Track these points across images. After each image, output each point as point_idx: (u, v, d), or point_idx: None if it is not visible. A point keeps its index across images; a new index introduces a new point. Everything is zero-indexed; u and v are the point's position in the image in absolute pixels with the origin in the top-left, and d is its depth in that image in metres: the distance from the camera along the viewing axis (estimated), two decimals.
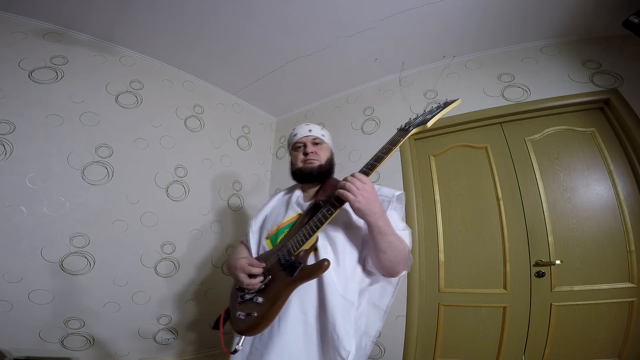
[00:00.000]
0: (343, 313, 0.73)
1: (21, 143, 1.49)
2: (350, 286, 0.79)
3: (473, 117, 1.86)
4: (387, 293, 0.89)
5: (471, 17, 1.72)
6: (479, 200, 1.75)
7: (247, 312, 0.76)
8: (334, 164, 1.03)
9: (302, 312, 0.76)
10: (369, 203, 0.71)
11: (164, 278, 1.83)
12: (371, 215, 0.72)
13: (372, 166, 0.77)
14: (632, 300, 1.39)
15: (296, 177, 1.01)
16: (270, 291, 0.76)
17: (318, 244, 0.80)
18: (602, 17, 1.63)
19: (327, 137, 1.05)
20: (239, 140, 2.48)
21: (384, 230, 0.73)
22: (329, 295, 0.74)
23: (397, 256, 0.77)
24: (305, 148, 0.99)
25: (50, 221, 1.51)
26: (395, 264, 0.78)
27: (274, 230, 0.93)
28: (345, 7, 1.67)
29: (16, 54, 1.60)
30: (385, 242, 0.74)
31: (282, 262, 0.76)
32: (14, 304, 1.37)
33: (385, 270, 0.79)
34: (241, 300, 0.81)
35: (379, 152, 0.78)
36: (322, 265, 0.69)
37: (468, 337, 1.62)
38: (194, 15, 1.72)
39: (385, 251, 0.75)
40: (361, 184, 0.72)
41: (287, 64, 2.13)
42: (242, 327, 0.76)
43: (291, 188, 1.08)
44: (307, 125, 1.03)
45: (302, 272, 0.72)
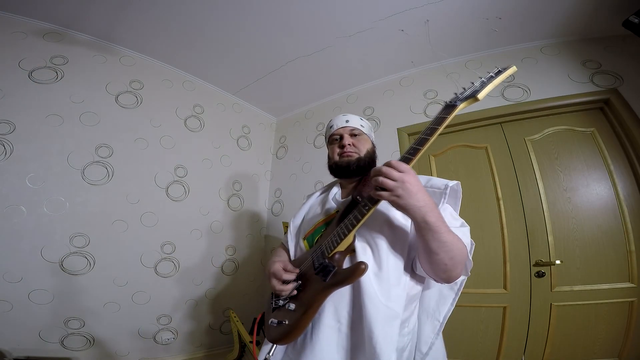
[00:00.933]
0: (384, 323, 0.64)
1: (21, 143, 1.49)
2: (394, 293, 0.68)
3: (473, 117, 1.86)
4: (446, 301, 0.77)
5: (471, 17, 1.72)
6: (479, 200, 1.75)
7: (279, 320, 0.71)
8: (376, 157, 0.93)
9: (336, 320, 0.68)
10: (411, 196, 0.59)
11: (164, 278, 1.83)
12: (416, 210, 0.59)
13: (414, 151, 0.63)
14: (632, 300, 1.39)
15: (333, 171, 0.92)
16: (303, 297, 0.70)
17: (356, 245, 0.71)
18: (602, 17, 1.63)
19: (366, 127, 0.94)
20: (239, 140, 2.48)
21: (435, 227, 0.60)
22: (367, 303, 0.65)
23: (453, 258, 0.64)
24: (342, 140, 0.90)
25: (50, 221, 1.51)
26: (451, 268, 0.65)
27: (310, 230, 0.86)
28: (345, 7, 1.67)
29: (16, 54, 1.60)
30: (437, 241, 0.61)
31: (316, 266, 0.69)
32: (14, 304, 1.37)
33: (439, 275, 0.67)
34: (275, 306, 0.76)
35: (423, 134, 0.64)
36: (357, 268, 0.61)
37: (468, 337, 1.62)
38: (194, 16, 1.72)
39: (437, 252, 0.62)
40: (399, 174, 0.59)
41: (287, 64, 2.13)
42: (273, 335, 0.71)
43: (329, 185, 1.01)
44: (344, 116, 0.94)
45: (336, 277, 0.64)
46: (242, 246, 2.28)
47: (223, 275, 2.12)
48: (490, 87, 0.65)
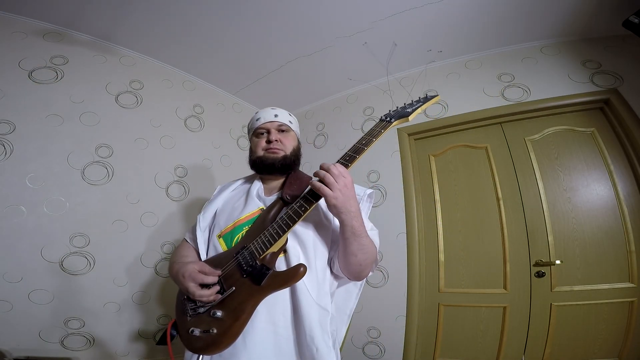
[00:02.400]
0: (320, 322, 0.66)
1: (21, 143, 1.49)
2: (323, 291, 0.71)
3: (473, 117, 1.86)
4: (352, 296, 0.81)
5: (471, 17, 1.72)
6: (479, 200, 1.75)
7: (203, 329, 0.64)
8: (300, 155, 0.92)
9: (271, 323, 0.66)
10: (346, 200, 0.63)
11: (164, 278, 1.83)
12: (347, 213, 0.64)
13: (351, 158, 0.69)
14: (632, 300, 1.39)
15: (255, 166, 0.89)
16: (231, 303, 0.64)
17: (287, 245, 0.70)
18: (602, 17, 1.63)
19: (294, 124, 0.93)
20: (238, 140, 2.48)
21: (358, 231, 0.66)
22: (303, 303, 0.65)
23: (368, 259, 0.70)
24: (268, 135, 0.87)
25: (50, 221, 1.50)
26: (364, 268, 0.71)
27: (229, 227, 0.79)
28: (345, 7, 1.66)
29: (16, 54, 1.60)
30: (358, 244, 0.67)
31: (245, 268, 0.65)
32: (14, 304, 1.36)
33: (353, 273, 0.73)
34: (193, 313, 0.68)
35: (358, 144, 0.70)
36: (297, 271, 0.61)
37: (468, 337, 1.63)
38: (194, 16, 1.72)
39: (356, 254, 0.68)
40: (341, 177, 0.63)
41: (287, 64, 2.12)
42: (198, 345, 0.64)
43: (248, 179, 0.96)
44: (272, 110, 0.90)
45: (272, 280, 0.62)
46: None
47: None
48: (419, 111, 0.77)
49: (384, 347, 1.74)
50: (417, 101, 0.78)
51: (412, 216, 1.84)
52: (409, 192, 1.89)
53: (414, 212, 1.84)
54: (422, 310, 1.73)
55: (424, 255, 1.81)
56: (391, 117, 0.75)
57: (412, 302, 1.71)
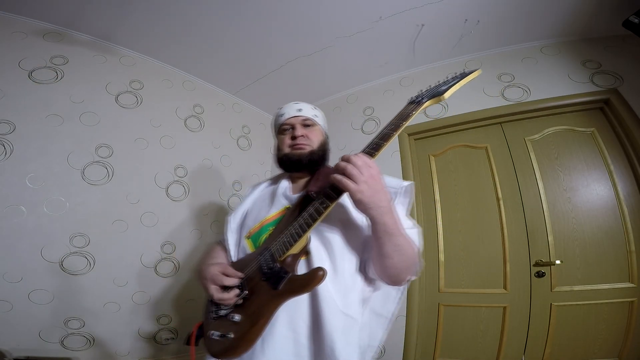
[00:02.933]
0: (344, 332, 0.60)
1: (21, 143, 1.49)
2: (350, 298, 0.64)
3: (473, 117, 1.86)
4: (392, 299, 0.74)
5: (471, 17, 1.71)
6: (479, 200, 1.75)
7: (221, 332, 0.62)
8: (329, 149, 0.87)
9: (291, 330, 0.62)
10: (374, 193, 0.55)
11: (164, 278, 1.83)
12: (376, 209, 0.56)
13: (377, 146, 0.60)
14: (632, 300, 1.39)
15: (282, 164, 0.84)
16: (250, 307, 0.61)
17: (310, 246, 0.65)
18: (602, 17, 1.63)
19: (320, 118, 0.88)
20: (239, 140, 2.48)
21: (391, 229, 0.58)
22: (326, 311, 0.60)
23: (406, 261, 0.62)
24: (293, 131, 0.82)
25: (50, 221, 1.50)
26: (403, 271, 0.63)
27: (255, 227, 0.77)
28: (345, 7, 1.67)
29: (16, 54, 1.60)
30: (392, 244, 0.59)
31: (265, 271, 0.61)
32: (14, 304, 1.36)
33: (390, 278, 0.65)
34: (215, 316, 0.66)
35: (386, 129, 0.61)
36: (315, 275, 0.55)
37: (468, 337, 1.63)
38: (194, 16, 1.72)
39: (391, 256, 0.60)
40: (366, 167, 0.55)
41: (287, 64, 2.13)
42: (216, 349, 0.63)
43: (276, 178, 0.92)
44: (296, 104, 0.86)
45: (290, 285, 0.57)
46: None
47: None
48: (456, 87, 0.65)
49: (384, 347, 1.74)
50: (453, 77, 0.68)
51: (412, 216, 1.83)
52: None
53: (413, 212, 1.84)
54: (422, 310, 1.73)
55: (424, 255, 1.80)
56: (422, 97, 0.65)
57: (412, 302, 1.71)
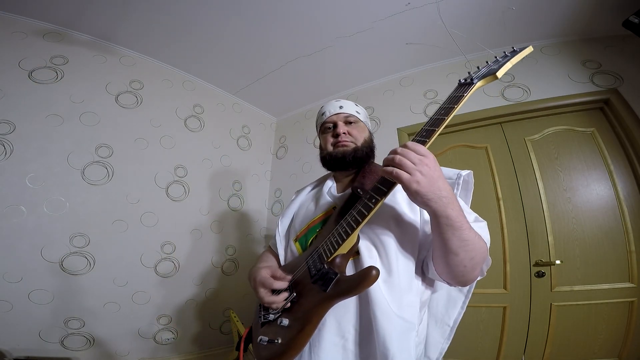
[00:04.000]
0: (400, 338, 0.55)
1: (21, 143, 1.49)
2: (407, 301, 0.59)
3: (473, 117, 1.86)
4: (456, 304, 0.69)
5: (471, 17, 1.71)
6: (479, 200, 1.75)
7: (270, 338, 0.60)
8: (374, 146, 0.83)
9: (340, 336, 0.59)
10: (432, 183, 0.49)
11: (164, 278, 1.83)
12: (437, 200, 0.49)
13: (429, 133, 0.53)
14: (632, 300, 1.39)
15: (327, 163, 0.81)
16: (298, 311, 0.59)
17: (360, 246, 0.62)
18: (602, 17, 1.63)
19: (362, 114, 0.85)
20: (239, 140, 2.48)
21: (457, 222, 0.51)
22: (379, 315, 0.55)
23: (474, 258, 0.55)
24: (336, 129, 0.80)
25: (50, 221, 1.50)
26: (471, 270, 0.56)
27: (303, 230, 0.75)
28: (345, 7, 1.66)
29: (16, 54, 1.60)
30: (459, 239, 0.52)
31: (313, 273, 0.58)
32: (14, 304, 1.36)
33: (456, 277, 0.58)
34: (264, 320, 0.65)
35: (437, 114, 0.55)
36: (367, 275, 0.51)
37: (468, 337, 1.62)
38: (194, 16, 1.72)
39: (457, 252, 0.53)
40: (418, 157, 0.50)
41: (287, 64, 2.12)
42: (263, 355, 0.60)
43: (321, 179, 0.90)
44: (337, 102, 0.84)
45: (339, 286, 0.54)
46: (243, 246, 2.28)
47: (223, 275, 2.12)
48: (509, 65, 0.59)
49: None
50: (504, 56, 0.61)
51: None
52: None
53: None
54: None
55: None
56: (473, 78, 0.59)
57: None
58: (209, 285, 2.03)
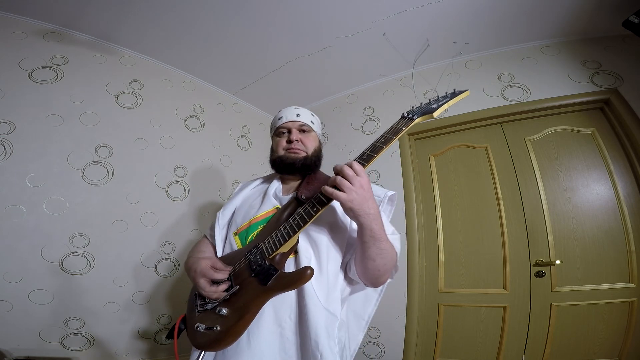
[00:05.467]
0: (327, 328, 0.64)
1: (21, 143, 1.49)
2: (333, 296, 0.68)
3: (473, 117, 1.86)
4: (371, 301, 0.79)
5: (471, 17, 1.72)
6: (479, 200, 1.75)
7: (207, 325, 0.64)
8: (322, 156, 0.91)
9: (277, 325, 0.65)
10: (363, 201, 0.59)
11: (164, 278, 1.83)
12: (365, 216, 0.60)
13: (368, 157, 0.64)
14: (632, 300, 1.39)
15: (276, 166, 0.88)
16: (237, 301, 0.64)
17: (299, 246, 0.69)
18: (602, 17, 1.63)
19: (316, 124, 0.93)
20: (239, 140, 2.48)
21: (377, 235, 0.62)
22: (310, 307, 0.64)
23: (386, 264, 0.67)
24: (289, 135, 0.86)
25: (50, 221, 1.50)
26: (383, 274, 0.68)
27: (244, 225, 0.80)
28: (345, 7, 1.66)
29: (16, 54, 1.60)
30: (377, 248, 0.63)
31: (254, 267, 0.64)
32: (14, 304, 1.36)
33: (370, 279, 0.70)
34: (201, 309, 0.69)
35: (377, 142, 0.65)
36: (304, 274, 0.59)
37: (468, 337, 1.63)
38: (194, 16, 1.72)
39: (374, 259, 0.64)
40: (357, 178, 0.60)
41: (287, 64, 2.12)
42: (201, 341, 0.64)
43: (268, 178, 0.95)
44: (295, 109, 0.91)
45: (278, 281, 0.61)
46: None
47: None
48: (445, 106, 0.70)
49: (384, 347, 1.74)
50: (443, 97, 0.72)
51: (412, 216, 1.84)
52: (409, 192, 1.89)
53: (413, 212, 1.84)
54: (422, 310, 1.73)
55: (424, 255, 1.81)
56: (414, 114, 0.69)
57: (412, 302, 1.71)
58: None
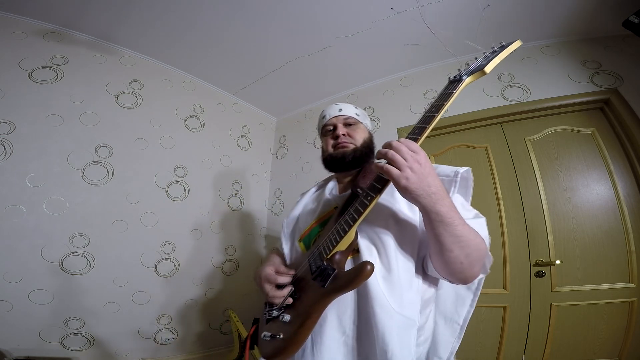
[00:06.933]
0: (400, 335, 0.55)
1: (21, 143, 1.49)
2: (407, 298, 0.59)
3: (473, 117, 1.86)
4: (465, 302, 0.69)
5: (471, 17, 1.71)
6: (479, 200, 1.75)
7: (272, 333, 0.61)
8: (374, 147, 0.84)
9: (341, 332, 0.59)
10: (422, 179, 0.50)
11: (164, 278, 1.83)
12: (426, 196, 0.50)
13: (421, 130, 0.55)
14: (632, 300, 1.39)
15: (328, 165, 0.84)
16: (299, 307, 0.60)
17: (360, 243, 0.62)
18: (602, 17, 1.63)
19: (361, 116, 0.88)
20: (239, 140, 2.48)
21: (448, 218, 0.51)
22: (378, 311, 0.56)
23: (470, 255, 0.55)
24: (335, 130, 0.83)
25: (50, 221, 1.51)
26: (468, 267, 0.55)
27: (306, 230, 0.78)
28: (345, 7, 1.66)
29: (16, 54, 1.60)
30: (451, 235, 0.52)
31: (313, 269, 0.59)
32: (14, 304, 1.36)
33: (454, 275, 0.57)
34: (268, 317, 0.66)
35: (428, 112, 0.57)
36: (362, 270, 0.51)
37: (468, 337, 1.62)
38: (194, 16, 1.72)
39: (451, 249, 0.53)
40: (410, 153, 0.51)
41: (287, 64, 2.12)
42: (266, 351, 0.61)
43: (325, 180, 0.92)
44: (337, 105, 0.87)
45: (336, 282, 0.54)
46: (243, 246, 2.28)
47: (223, 275, 2.12)
48: (497, 61, 0.61)
49: None
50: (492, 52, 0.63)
51: None
52: None
53: None
54: None
55: None
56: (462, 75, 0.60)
57: None
58: (209, 285, 2.03)
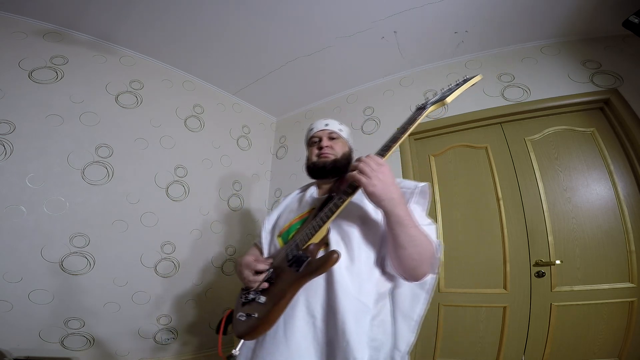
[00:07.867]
0: (356, 317, 0.65)
1: (21, 143, 1.49)
2: (365, 288, 0.69)
3: (473, 117, 1.86)
4: (419, 300, 0.77)
5: (471, 17, 1.72)
6: (479, 200, 1.75)
7: (247, 313, 0.69)
8: (352, 159, 0.96)
9: (310, 315, 0.68)
10: (385, 187, 0.62)
11: (164, 278, 1.83)
12: (388, 201, 0.62)
13: (387, 147, 0.68)
14: (632, 300, 1.39)
15: (311, 172, 0.96)
16: (274, 289, 0.69)
17: (330, 238, 0.72)
18: (602, 17, 1.63)
19: (345, 132, 1.01)
20: (239, 140, 2.48)
21: (403, 220, 0.63)
22: (340, 296, 0.66)
23: (421, 253, 0.66)
24: (320, 142, 0.95)
25: (50, 221, 1.51)
26: (419, 264, 0.67)
27: (285, 227, 0.88)
28: (345, 7, 1.67)
29: (16, 54, 1.60)
30: (406, 235, 0.63)
31: (289, 257, 0.69)
32: (14, 304, 1.36)
33: (407, 271, 0.69)
34: (244, 300, 0.74)
35: (396, 133, 0.70)
36: (330, 257, 0.61)
37: (468, 337, 1.62)
38: (194, 16, 1.72)
39: (405, 246, 0.64)
40: (376, 165, 0.63)
41: (287, 64, 2.13)
42: (241, 329, 0.69)
43: (306, 186, 1.04)
44: (324, 120, 1.00)
45: (309, 267, 0.64)
46: (242, 246, 2.28)
47: (223, 275, 2.12)
48: (457, 93, 0.72)
49: None
50: (455, 84, 0.74)
51: None
52: None
53: None
54: None
55: None
56: (427, 104, 0.73)
57: None
58: (209, 285, 2.03)
